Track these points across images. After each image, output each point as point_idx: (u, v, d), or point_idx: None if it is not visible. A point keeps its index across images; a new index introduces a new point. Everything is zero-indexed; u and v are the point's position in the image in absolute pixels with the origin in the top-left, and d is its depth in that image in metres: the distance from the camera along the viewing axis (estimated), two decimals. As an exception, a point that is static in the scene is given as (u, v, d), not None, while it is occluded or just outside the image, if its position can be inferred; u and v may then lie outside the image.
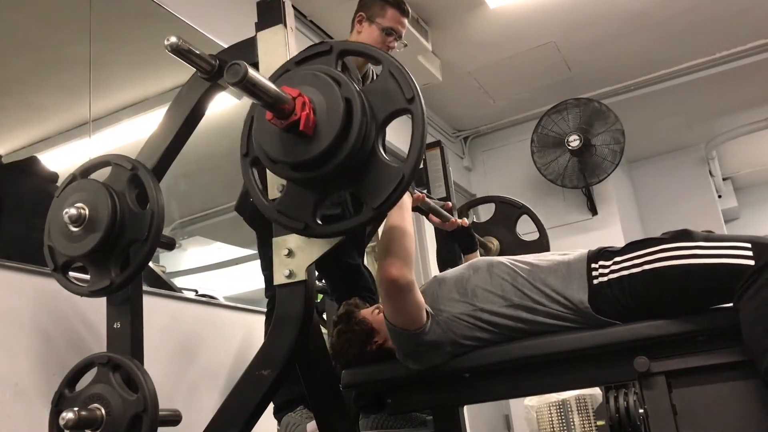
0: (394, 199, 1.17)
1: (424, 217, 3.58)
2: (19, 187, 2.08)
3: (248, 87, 1.02)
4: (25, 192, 2.07)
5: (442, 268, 2.51)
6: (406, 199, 1.66)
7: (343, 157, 1.11)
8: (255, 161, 1.25)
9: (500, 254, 2.64)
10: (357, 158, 1.13)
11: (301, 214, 1.21)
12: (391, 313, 1.59)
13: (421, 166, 2.45)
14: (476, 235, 2.38)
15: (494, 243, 2.68)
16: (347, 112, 1.11)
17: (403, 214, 1.62)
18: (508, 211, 2.72)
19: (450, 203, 2.24)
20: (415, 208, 1.94)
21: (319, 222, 1.21)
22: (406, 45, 2.46)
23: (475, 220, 2.76)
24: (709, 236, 1.48)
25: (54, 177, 2.11)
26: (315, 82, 1.14)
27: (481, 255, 2.34)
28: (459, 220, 2.16)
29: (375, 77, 2.31)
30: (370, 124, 1.14)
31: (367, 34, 2.33)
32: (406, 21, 2.39)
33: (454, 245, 2.39)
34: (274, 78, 1.23)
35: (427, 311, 1.60)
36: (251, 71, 1.01)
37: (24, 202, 2.03)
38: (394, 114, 1.18)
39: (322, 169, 1.13)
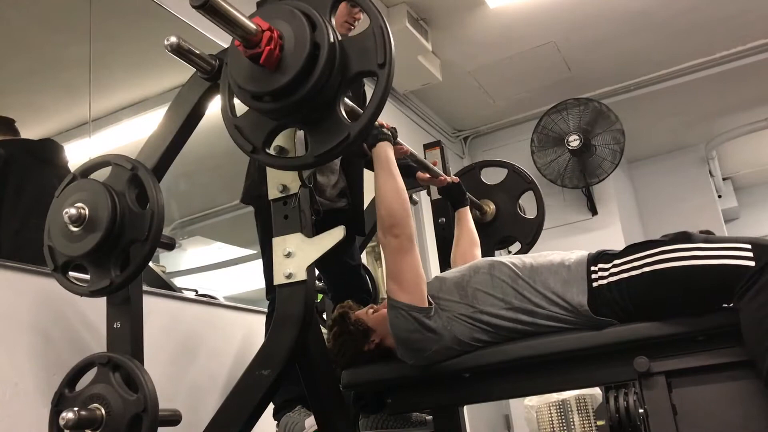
0: (334, 154, 1.21)
1: (424, 217, 3.58)
2: (41, 180, 2.08)
3: (210, 11, 1.07)
4: (46, 187, 2.05)
5: (440, 236, 2.52)
6: (390, 154, 1.68)
7: (299, 98, 1.14)
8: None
9: (494, 219, 2.67)
10: (312, 104, 1.17)
11: (254, 136, 1.26)
12: (395, 282, 1.61)
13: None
14: (472, 197, 2.38)
15: (490, 206, 2.68)
16: (311, 57, 1.13)
17: (389, 168, 1.65)
18: (517, 181, 2.72)
19: (437, 161, 2.24)
20: (405, 168, 1.93)
21: (269, 151, 1.27)
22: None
23: (483, 179, 2.76)
24: (708, 237, 1.48)
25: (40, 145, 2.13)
26: (291, 20, 1.16)
27: (475, 216, 2.35)
28: (450, 177, 2.16)
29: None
30: (335, 75, 1.17)
31: None
32: None
33: (447, 207, 2.37)
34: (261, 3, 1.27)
35: (429, 300, 1.61)
36: None
37: (45, 197, 2.02)
38: (361, 74, 1.20)
39: (278, 103, 1.17)
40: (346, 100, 1.27)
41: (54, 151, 2.20)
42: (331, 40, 1.16)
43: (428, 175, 2.08)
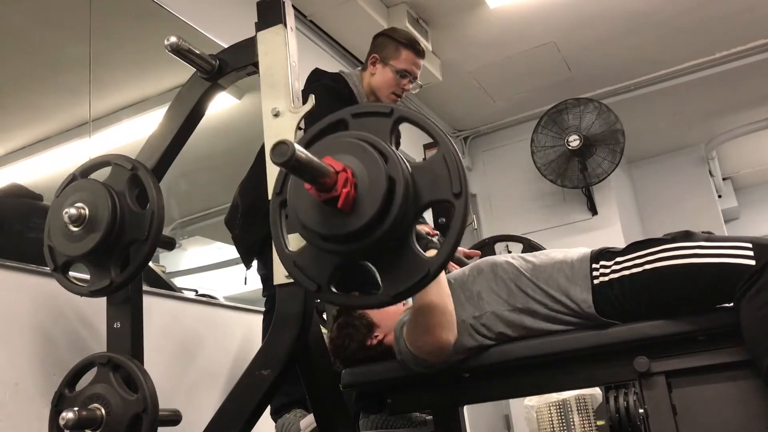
0: (412, 293, 1.13)
1: (423, 218, 3.57)
2: (8, 210, 2.08)
3: (294, 167, 0.96)
4: (7, 208, 2.06)
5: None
6: (443, 275, 1.60)
7: (375, 239, 1.06)
8: (285, 203, 1.19)
9: None
10: (389, 240, 1.08)
11: (318, 275, 1.16)
12: (421, 352, 1.56)
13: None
14: None
15: None
16: (389, 193, 1.05)
17: (442, 291, 1.57)
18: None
19: (478, 252, 2.20)
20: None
21: (334, 289, 1.17)
22: (421, 86, 2.41)
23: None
24: (710, 237, 1.48)
25: (38, 196, 2.10)
26: (361, 155, 1.07)
27: None
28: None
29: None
30: (410, 208, 1.08)
31: (381, 77, 2.27)
32: (421, 62, 2.32)
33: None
34: (319, 130, 1.19)
35: None
36: (298, 149, 0.93)
37: (14, 219, 2.02)
38: (436, 203, 1.12)
39: (352, 245, 1.08)
40: (418, 228, 1.20)
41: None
42: (405, 172, 1.07)
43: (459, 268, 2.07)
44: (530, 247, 2.68)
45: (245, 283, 2.28)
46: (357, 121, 1.18)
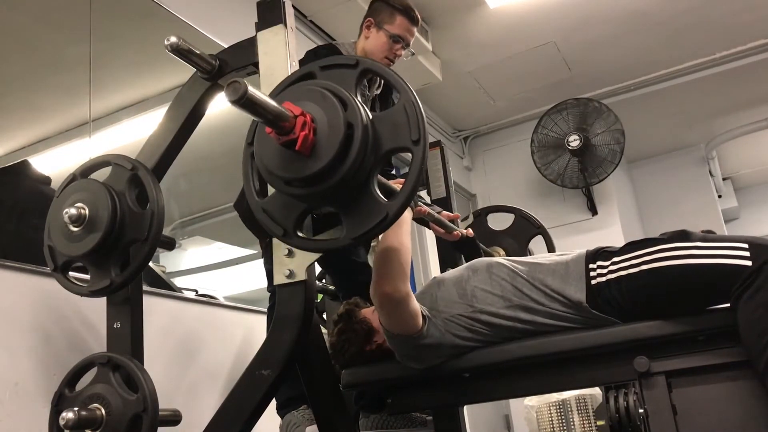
0: (372, 235, 1.17)
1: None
2: (13, 191, 2.08)
3: (248, 105, 1.00)
4: (20, 194, 2.07)
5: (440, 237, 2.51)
6: (406, 215, 1.63)
7: (335, 182, 1.10)
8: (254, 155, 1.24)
9: None
10: (348, 185, 1.12)
11: (284, 220, 1.21)
12: (386, 322, 1.59)
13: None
14: (482, 245, 2.36)
15: (500, 254, 2.66)
16: (347, 138, 1.09)
17: (401, 230, 1.58)
18: (525, 226, 2.70)
19: (458, 215, 2.21)
20: (418, 220, 1.92)
21: (299, 234, 1.21)
22: (413, 54, 2.43)
23: (490, 226, 2.74)
24: (706, 237, 1.48)
25: (47, 180, 2.11)
26: (321, 101, 1.12)
27: None
28: (464, 231, 2.15)
29: (381, 82, 2.32)
30: (369, 155, 1.13)
31: (375, 41, 2.29)
32: (415, 29, 2.35)
33: (455, 253, 2.37)
34: (289, 82, 1.23)
35: (423, 315, 1.59)
36: (251, 89, 0.98)
37: (19, 203, 2.02)
38: (395, 150, 1.16)
39: (313, 188, 1.12)
40: (380, 177, 1.23)
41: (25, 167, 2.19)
42: (364, 119, 1.11)
43: (443, 230, 2.07)
44: (522, 217, 2.68)
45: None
46: (324, 72, 1.21)
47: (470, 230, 2.19)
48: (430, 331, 1.57)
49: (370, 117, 1.14)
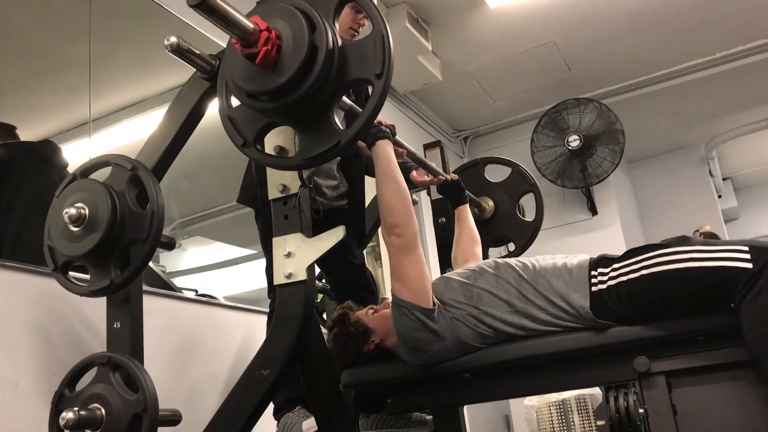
0: (322, 159, 1.21)
1: (424, 217, 3.57)
2: (39, 179, 2.08)
3: (206, 9, 1.04)
4: (45, 186, 2.05)
5: (440, 236, 2.52)
6: (390, 153, 1.66)
7: (293, 99, 1.13)
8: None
9: (491, 218, 2.65)
10: (307, 106, 1.15)
11: (246, 131, 1.25)
12: (399, 281, 1.60)
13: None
14: (471, 194, 2.37)
15: (489, 204, 2.66)
16: (309, 59, 1.12)
17: (390, 167, 1.63)
18: (519, 182, 2.70)
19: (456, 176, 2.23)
20: (401, 165, 1.91)
21: (259, 148, 1.26)
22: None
23: (486, 176, 2.75)
24: (706, 241, 1.49)
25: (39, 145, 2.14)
26: (291, 20, 1.14)
27: (473, 213, 2.34)
28: (448, 176, 2.15)
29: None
30: (331, 79, 1.15)
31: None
32: None
33: (448, 206, 2.37)
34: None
35: (434, 300, 1.60)
36: None
37: (44, 195, 2.01)
38: (358, 81, 1.19)
39: (272, 103, 1.16)
40: (345, 99, 1.26)
41: (53, 152, 2.21)
42: (330, 43, 1.13)
43: (425, 177, 2.07)
44: (518, 173, 2.69)
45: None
46: None
47: (454, 175, 2.19)
48: (439, 316, 1.58)
49: (339, 43, 1.16)
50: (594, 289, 1.52)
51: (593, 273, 1.55)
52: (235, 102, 1.29)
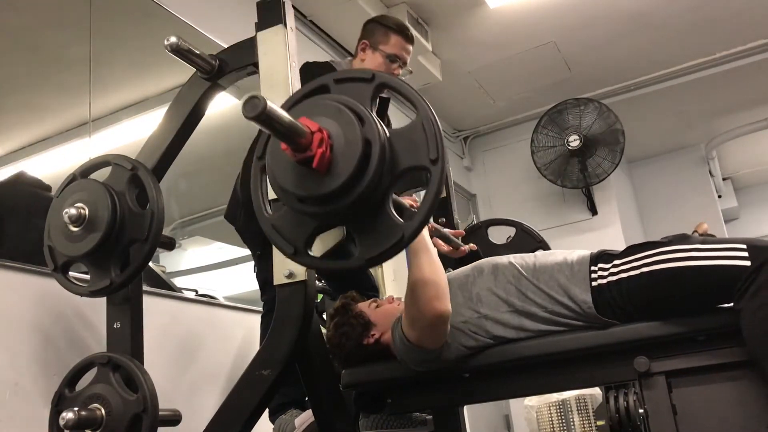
0: (386, 257, 1.14)
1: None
2: (12, 198, 2.08)
3: (266, 121, 0.96)
4: (19, 198, 2.06)
5: None
6: (428, 236, 1.61)
7: (350, 201, 1.06)
8: (266, 168, 1.19)
9: None
10: (364, 204, 1.09)
11: (295, 238, 1.17)
12: (418, 338, 1.56)
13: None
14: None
15: None
16: (364, 156, 1.05)
17: (430, 249, 1.57)
18: (526, 240, 2.66)
19: (462, 232, 2.20)
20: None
21: (310, 252, 1.18)
22: (411, 72, 2.40)
23: (490, 239, 2.73)
24: (706, 239, 1.49)
25: (46, 185, 2.10)
26: (338, 117, 1.07)
27: None
28: (468, 247, 2.13)
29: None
30: (386, 173, 1.08)
31: (371, 62, 2.27)
32: (410, 47, 2.33)
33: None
34: (301, 95, 1.19)
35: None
36: (270, 105, 0.94)
37: (18, 206, 2.02)
38: (413, 169, 1.12)
39: (327, 206, 1.08)
40: (394, 196, 1.21)
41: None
42: (382, 136, 1.07)
43: (444, 247, 2.05)
44: (523, 231, 2.66)
45: (254, 270, 2.28)
46: (339, 86, 1.18)
47: (473, 245, 2.18)
48: (446, 343, 1.57)
49: (388, 134, 1.10)
50: (594, 284, 1.52)
51: (593, 268, 1.55)
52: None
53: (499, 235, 2.73)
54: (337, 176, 1.05)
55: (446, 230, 2.05)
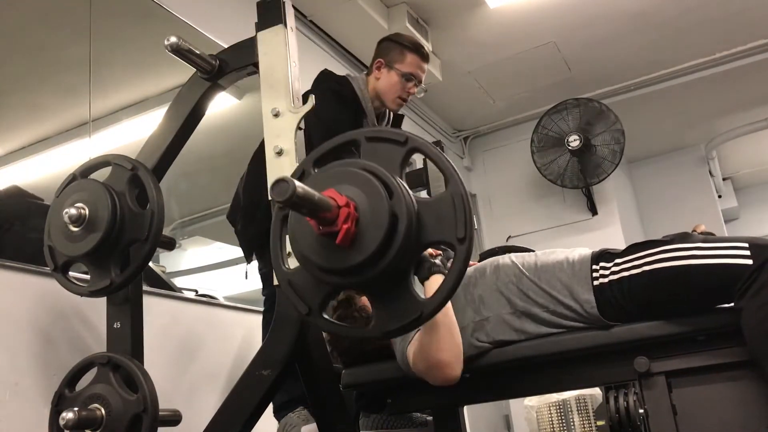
0: (403, 332, 1.12)
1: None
2: (9, 210, 2.07)
3: (296, 205, 0.93)
4: (12, 207, 2.06)
5: None
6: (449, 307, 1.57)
7: (372, 276, 1.04)
8: (287, 218, 1.16)
9: None
10: (386, 278, 1.06)
11: (310, 297, 1.14)
12: (420, 374, 1.55)
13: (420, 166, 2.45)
14: None
15: None
16: (390, 230, 1.02)
17: (447, 312, 1.53)
18: None
19: (476, 263, 2.20)
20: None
21: (324, 316, 1.15)
22: (426, 90, 2.41)
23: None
24: (707, 238, 1.48)
25: (40, 198, 2.08)
26: (366, 187, 1.04)
27: None
28: None
29: (389, 118, 2.33)
30: (412, 246, 1.06)
31: (386, 81, 2.27)
32: (426, 66, 2.33)
33: None
34: (330, 147, 1.16)
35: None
36: (299, 186, 0.90)
37: (15, 218, 2.02)
38: (438, 243, 1.10)
39: (349, 279, 1.06)
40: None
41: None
42: (410, 209, 1.04)
43: None
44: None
45: (246, 278, 2.29)
46: (370, 144, 1.15)
47: None
48: None
49: (416, 207, 1.07)
50: (596, 283, 1.52)
51: (595, 267, 1.55)
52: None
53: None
54: (361, 251, 1.02)
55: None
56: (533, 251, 2.62)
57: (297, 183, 0.89)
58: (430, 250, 1.50)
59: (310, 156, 1.19)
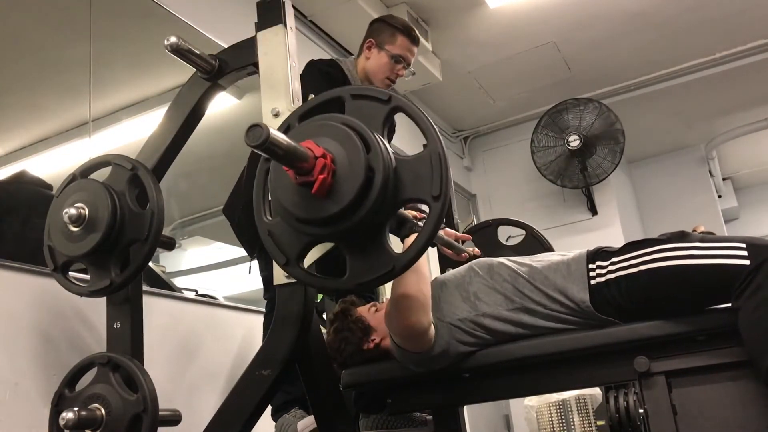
0: (375, 285, 1.14)
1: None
2: (14, 196, 2.07)
3: (269, 150, 0.95)
4: (21, 197, 2.06)
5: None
6: (423, 264, 1.61)
7: (347, 227, 1.06)
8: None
9: None
10: (361, 230, 1.08)
11: (289, 248, 1.17)
12: (401, 342, 1.58)
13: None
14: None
15: None
16: (366, 184, 1.04)
17: (421, 265, 1.56)
18: (534, 246, 2.65)
19: (469, 237, 2.20)
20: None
21: (301, 265, 1.18)
22: (414, 73, 2.43)
23: (500, 239, 2.73)
24: (705, 237, 1.48)
25: (47, 184, 2.10)
26: (344, 141, 1.06)
27: None
28: (472, 250, 2.13)
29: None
30: (386, 202, 1.08)
31: (376, 61, 2.30)
32: (415, 49, 2.37)
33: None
34: (315, 103, 1.18)
35: (430, 334, 1.58)
36: (273, 132, 0.93)
37: (20, 204, 2.02)
38: (413, 200, 1.12)
39: (324, 229, 1.08)
40: (404, 212, 1.19)
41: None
42: (387, 165, 1.06)
43: (451, 252, 2.05)
44: (533, 236, 2.65)
45: (249, 272, 2.28)
46: (354, 102, 1.17)
47: (477, 249, 2.18)
48: (438, 342, 1.57)
49: (394, 164, 1.09)
50: (593, 282, 1.52)
51: (591, 266, 1.55)
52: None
53: (501, 236, 2.73)
54: (336, 202, 1.05)
55: (449, 232, 2.04)
56: (528, 228, 2.63)
57: (271, 129, 0.93)
58: (414, 213, 1.52)
59: (296, 111, 1.21)
